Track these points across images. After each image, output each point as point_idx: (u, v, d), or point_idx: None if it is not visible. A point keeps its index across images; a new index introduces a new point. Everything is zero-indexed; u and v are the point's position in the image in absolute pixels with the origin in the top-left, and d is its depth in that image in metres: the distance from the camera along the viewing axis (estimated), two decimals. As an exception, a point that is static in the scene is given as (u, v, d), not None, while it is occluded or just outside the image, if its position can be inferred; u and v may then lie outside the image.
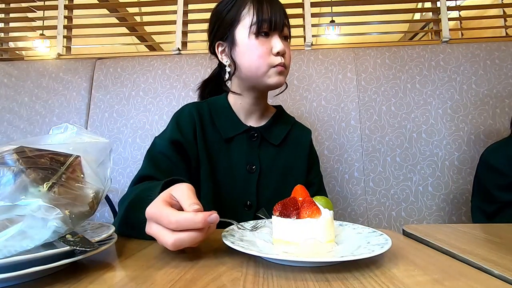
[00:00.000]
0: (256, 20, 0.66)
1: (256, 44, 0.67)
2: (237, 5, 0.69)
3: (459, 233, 0.53)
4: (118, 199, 0.58)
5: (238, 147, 0.72)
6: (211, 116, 0.73)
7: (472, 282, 0.31)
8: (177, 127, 0.71)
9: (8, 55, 1.45)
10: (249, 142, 0.73)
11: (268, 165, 0.72)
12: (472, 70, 1.10)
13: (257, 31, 0.66)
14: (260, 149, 0.73)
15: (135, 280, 0.32)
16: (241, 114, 0.75)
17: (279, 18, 0.67)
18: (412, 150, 1.06)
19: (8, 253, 0.29)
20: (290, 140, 0.76)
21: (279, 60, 0.67)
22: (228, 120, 0.73)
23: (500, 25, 1.47)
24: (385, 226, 1.03)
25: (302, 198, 0.43)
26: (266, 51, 0.67)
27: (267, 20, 0.66)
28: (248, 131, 0.73)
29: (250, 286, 0.30)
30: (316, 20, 1.37)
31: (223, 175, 0.70)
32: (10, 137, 1.16)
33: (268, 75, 0.68)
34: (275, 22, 0.66)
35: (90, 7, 1.51)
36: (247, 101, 0.74)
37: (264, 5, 0.67)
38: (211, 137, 0.71)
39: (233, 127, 0.73)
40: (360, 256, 0.34)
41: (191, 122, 0.71)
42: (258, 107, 0.76)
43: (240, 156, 0.72)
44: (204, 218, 0.36)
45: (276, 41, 0.67)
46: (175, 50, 1.27)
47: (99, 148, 0.41)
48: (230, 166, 0.71)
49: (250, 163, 0.71)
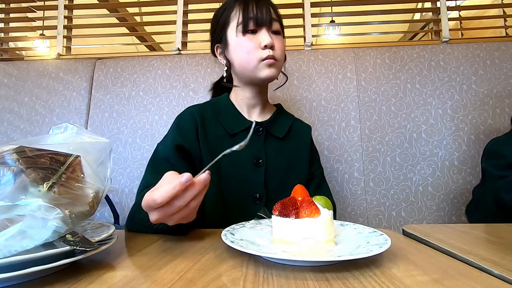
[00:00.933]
0: (242, 19, 0.71)
1: (244, 41, 0.71)
2: (227, 9, 0.74)
3: (459, 233, 0.53)
4: (118, 199, 0.59)
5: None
6: (214, 114, 0.75)
7: (472, 282, 0.31)
8: (178, 130, 0.73)
9: (8, 55, 1.45)
10: (254, 136, 0.73)
11: (274, 158, 0.74)
12: (472, 70, 1.10)
13: (243, 29, 0.71)
14: (266, 143, 0.75)
15: (135, 280, 0.32)
16: (243, 110, 0.78)
17: (266, 14, 0.71)
18: (412, 150, 1.06)
19: (8, 253, 0.29)
20: (293, 133, 0.79)
21: (267, 53, 0.69)
22: (232, 116, 0.76)
23: (500, 25, 1.47)
24: (385, 226, 1.03)
25: (301, 198, 0.43)
26: (254, 46, 0.70)
27: (253, 18, 0.70)
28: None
29: (250, 286, 0.30)
30: (316, 20, 1.37)
31: (229, 170, 0.71)
32: (10, 137, 1.16)
33: (259, 68, 0.71)
34: (261, 18, 0.70)
35: (90, 7, 1.51)
36: (247, 95, 0.77)
37: (250, 5, 0.71)
38: (214, 134, 0.73)
39: (237, 123, 0.74)
40: (358, 256, 0.34)
41: (193, 122, 0.73)
42: (259, 101, 0.78)
43: (246, 151, 0.71)
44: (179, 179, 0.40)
45: (263, 35, 0.70)
46: (175, 50, 1.27)
47: (99, 148, 0.41)
48: (236, 161, 0.71)
49: (257, 157, 0.73)
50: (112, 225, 0.44)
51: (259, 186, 0.71)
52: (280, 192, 0.70)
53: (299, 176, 0.76)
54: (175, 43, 1.28)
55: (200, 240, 0.49)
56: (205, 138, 0.72)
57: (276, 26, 0.73)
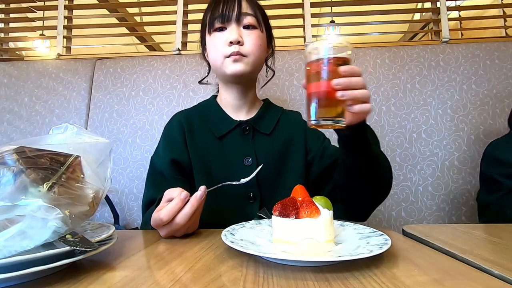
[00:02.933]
0: (209, 18, 0.72)
1: (212, 39, 0.72)
2: (206, 11, 0.76)
3: (459, 233, 0.53)
4: (118, 199, 0.60)
5: (232, 143, 0.74)
6: (201, 118, 0.77)
7: (472, 282, 0.31)
8: (168, 142, 0.76)
9: (8, 55, 1.44)
10: (242, 136, 0.75)
11: (264, 155, 0.73)
12: (472, 70, 1.10)
13: (210, 28, 0.72)
14: (254, 141, 0.74)
15: (135, 280, 0.32)
16: (230, 111, 0.77)
17: (235, 11, 0.70)
18: (412, 150, 1.06)
19: (8, 253, 0.29)
20: (282, 127, 0.78)
21: (232, 49, 0.69)
22: (218, 118, 0.76)
23: (500, 25, 1.47)
24: (385, 226, 1.02)
25: (301, 198, 0.43)
26: (220, 43, 0.70)
27: (219, 16, 0.71)
28: (239, 126, 0.75)
29: (250, 286, 0.30)
30: (316, 21, 1.37)
31: (220, 172, 0.71)
32: (10, 137, 1.16)
33: (225, 65, 0.71)
34: (227, 15, 0.70)
35: (90, 7, 1.51)
36: (232, 95, 0.77)
37: (219, 3, 0.72)
38: (202, 138, 0.75)
39: (224, 124, 0.75)
40: (358, 256, 0.34)
41: (181, 130, 0.75)
42: (245, 101, 0.78)
43: (235, 151, 0.73)
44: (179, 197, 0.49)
45: (228, 32, 0.70)
46: (175, 50, 1.27)
47: (99, 148, 0.41)
48: (226, 163, 0.73)
49: (246, 157, 0.73)
50: (112, 225, 0.45)
51: (252, 185, 0.70)
52: (275, 188, 0.71)
53: (294, 170, 0.74)
54: (175, 43, 1.28)
55: (200, 241, 0.49)
56: (194, 144, 0.73)
57: (249, 20, 0.71)
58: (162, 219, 0.48)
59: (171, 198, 0.50)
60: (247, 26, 0.71)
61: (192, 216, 0.49)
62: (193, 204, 0.48)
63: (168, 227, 0.49)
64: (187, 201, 0.49)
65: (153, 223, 0.51)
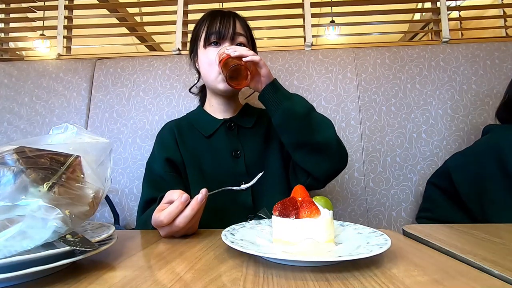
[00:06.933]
0: (206, 33, 0.78)
1: (207, 53, 0.78)
2: (199, 24, 0.82)
3: (459, 233, 0.53)
4: (118, 199, 0.61)
5: (219, 140, 0.81)
6: (189, 124, 0.84)
7: (472, 282, 0.31)
8: (161, 144, 0.82)
9: (8, 55, 1.44)
10: (228, 132, 0.82)
11: (249, 147, 0.81)
12: (472, 70, 1.10)
13: (205, 42, 0.78)
14: (239, 135, 0.82)
15: (135, 280, 0.32)
16: (217, 114, 0.85)
17: (229, 29, 0.77)
18: (412, 150, 1.06)
19: (8, 253, 0.29)
20: (261, 121, 0.85)
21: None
22: (205, 121, 0.84)
23: (500, 25, 1.47)
24: (385, 226, 1.02)
25: (301, 198, 0.43)
26: (215, 59, 0.75)
27: (216, 32, 0.77)
28: (224, 124, 0.82)
29: (250, 286, 0.30)
30: (316, 21, 1.37)
31: (211, 167, 0.78)
32: (10, 137, 1.16)
33: (218, 81, 0.77)
34: (223, 32, 0.76)
35: (90, 7, 1.51)
36: (218, 102, 0.85)
37: (216, 20, 0.78)
38: (192, 139, 0.81)
39: (211, 125, 0.82)
40: (358, 256, 0.34)
41: (171, 134, 0.82)
42: (230, 107, 0.86)
43: (224, 147, 0.80)
44: (179, 200, 0.50)
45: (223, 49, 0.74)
46: (175, 50, 1.27)
47: (99, 148, 0.41)
48: (216, 159, 0.79)
49: (234, 149, 0.79)
50: (112, 225, 0.45)
51: (242, 175, 0.76)
52: (263, 175, 0.73)
53: (275, 151, 0.81)
54: (175, 43, 1.28)
55: (200, 240, 0.49)
56: (184, 143, 0.80)
57: (241, 40, 0.79)
58: (162, 221, 0.49)
59: (172, 200, 0.52)
60: (239, 44, 0.78)
61: (192, 219, 0.50)
62: (193, 207, 0.49)
63: (168, 228, 0.51)
64: (187, 203, 0.50)
65: (153, 223, 0.52)
